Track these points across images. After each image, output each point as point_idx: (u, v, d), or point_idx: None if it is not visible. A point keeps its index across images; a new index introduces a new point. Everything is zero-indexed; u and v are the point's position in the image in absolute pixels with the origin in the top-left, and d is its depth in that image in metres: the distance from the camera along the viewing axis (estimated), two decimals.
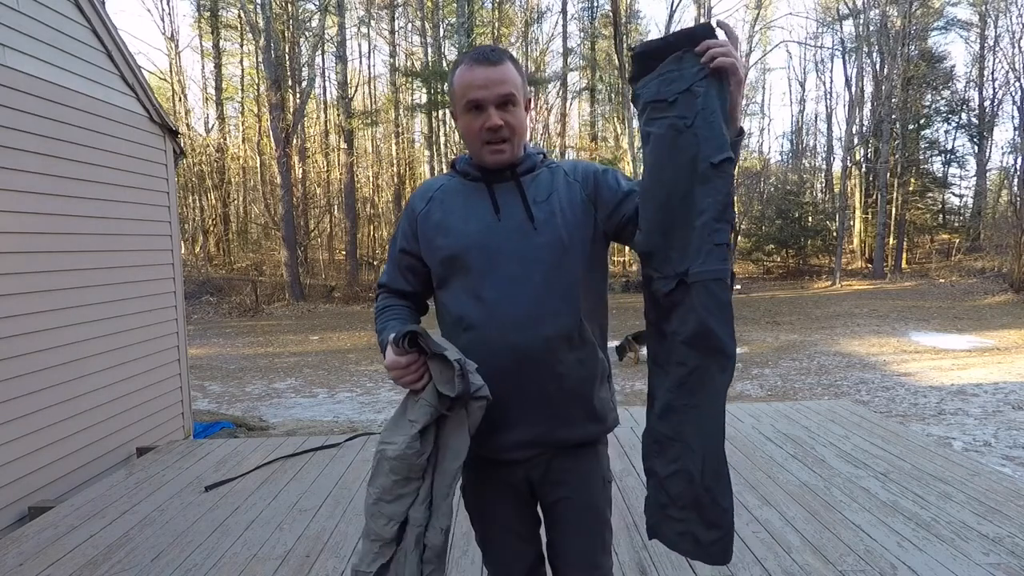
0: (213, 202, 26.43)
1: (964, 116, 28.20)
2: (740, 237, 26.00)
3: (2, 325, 3.62)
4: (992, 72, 28.31)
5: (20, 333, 3.74)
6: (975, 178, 28.55)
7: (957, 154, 28.65)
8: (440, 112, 23.11)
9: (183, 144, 5.96)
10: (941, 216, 28.73)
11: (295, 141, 22.21)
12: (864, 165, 27.86)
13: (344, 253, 24.21)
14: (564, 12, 29.72)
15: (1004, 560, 2.53)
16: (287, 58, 22.68)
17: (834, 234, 25.46)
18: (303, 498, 3.47)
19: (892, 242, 25.77)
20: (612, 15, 22.71)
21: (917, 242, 28.12)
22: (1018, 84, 25.57)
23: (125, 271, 4.67)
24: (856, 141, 27.01)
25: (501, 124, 1.35)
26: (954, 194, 29.49)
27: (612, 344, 10.14)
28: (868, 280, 23.25)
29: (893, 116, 24.59)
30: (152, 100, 5.03)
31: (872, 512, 3.01)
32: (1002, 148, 36.67)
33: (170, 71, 25.27)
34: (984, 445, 5.50)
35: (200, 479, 3.80)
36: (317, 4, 22.90)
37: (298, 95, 22.72)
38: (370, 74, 29.66)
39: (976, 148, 28.45)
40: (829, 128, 32.78)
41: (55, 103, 4.04)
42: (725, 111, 1.18)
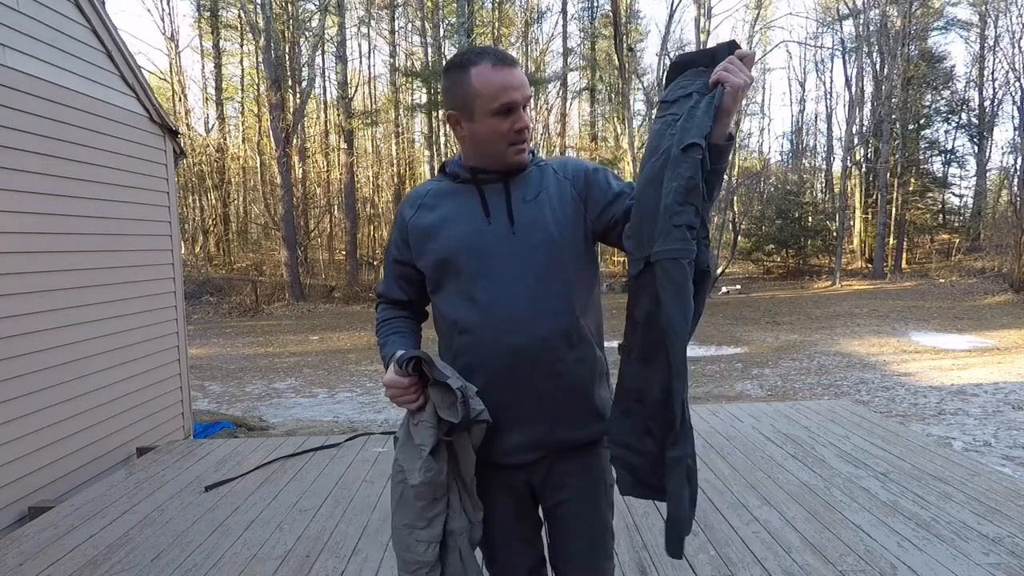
0: (213, 202, 26.42)
1: (964, 116, 28.19)
2: (740, 237, 26.00)
3: (2, 325, 3.62)
4: (992, 72, 28.32)
5: (20, 333, 3.74)
6: (975, 178, 28.55)
7: (957, 154, 28.66)
8: (440, 112, 23.09)
9: (183, 144, 5.96)
10: (941, 216, 28.71)
11: (295, 141, 22.21)
12: (864, 165, 27.86)
13: (344, 253, 24.22)
14: (564, 12, 29.73)
15: (1004, 560, 2.53)
16: (287, 58, 22.68)
17: (834, 234, 25.45)
18: (303, 498, 3.47)
19: (892, 242, 25.76)
20: (612, 15, 22.72)
21: (917, 242, 28.11)
22: (1018, 84, 25.59)
23: (125, 271, 4.67)
24: (856, 141, 27.01)
25: (528, 124, 1.36)
26: (954, 194, 29.50)
27: (613, 344, 10.12)
28: (868, 280, 23.25)
29: (893, 116, 24.59)
30: (152, 100, 5.03)
31: (872, 512, 3.01)
32: (1002, 148, 36.65)
33: (170, 71, 25.28)
34: (984, 445, 5.50)
35: (200, 479, 3.80)
36: (317, 4, 22.91)
37: (298, 95, 22.72)
38: (370, 74, 29.68)
39: (976, 148, 28.45)
40: (829, 128, 32.80)
41: (55, 103, 4.04)
42: (711, 111, 1.19)
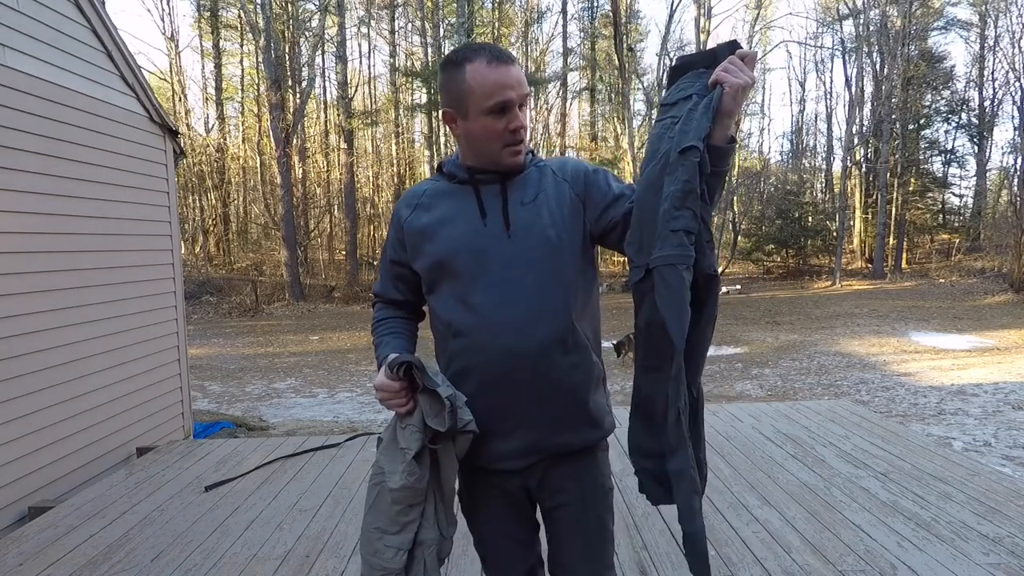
0: (213, 202, 26.42)
1: (964, 116, 28.21)
2: (740, 237, 26.01)
3: (2, 325, 3.62)
4: (992, 72, 28.34)
5: (20, 333, 3.74)
6: (975, 178, 28.56)
7: (957, 154, 28.68)
8: (440, 112, 23.09)
9: (183, 144, 5.96)
10: (941, 216, 28.72)
11: (295, 141, 22.21)
12: (864, 165, 27.86)
13: (344, 253, 24.22)
14: (564, 12, 29.74)
15: (1004, 560, 2.53)
16: (287, 58, 22.69)
17: (834, 234, 25.45)
18: (303, 498, 3.47)
19: (892, 242, 25.76)
20: (612, 15, 22.72)
21: (917, 242, 28.11)
22: (1018, 84, 25.60)
23: (125, 271, 4.67)
24: (856, 141, 27.01)
25: (524, 124, 1.31)
26: (954, 194, 29.52)
27: (610, 343, 10.14)
28: (868, 280, 23.25)
29: (893, 116, 24.59)
30: (152, 100, 5.03)
31: (872, 512, 3.01)
32: (1002, 148, 36.70)
33: (170, 71, 25.28)
34: (984, 445, 5.50)
35: (200, 479, 3.80)
36: (317, 4, 22.91)
37: (298, 95, 22.72)
38: (370, 74, 29.69)
39: (976, 148, 28.46)
40: (829, 128, 32.81)
41: (55, 103, 4.04)
42: (710, 113, 1.17)
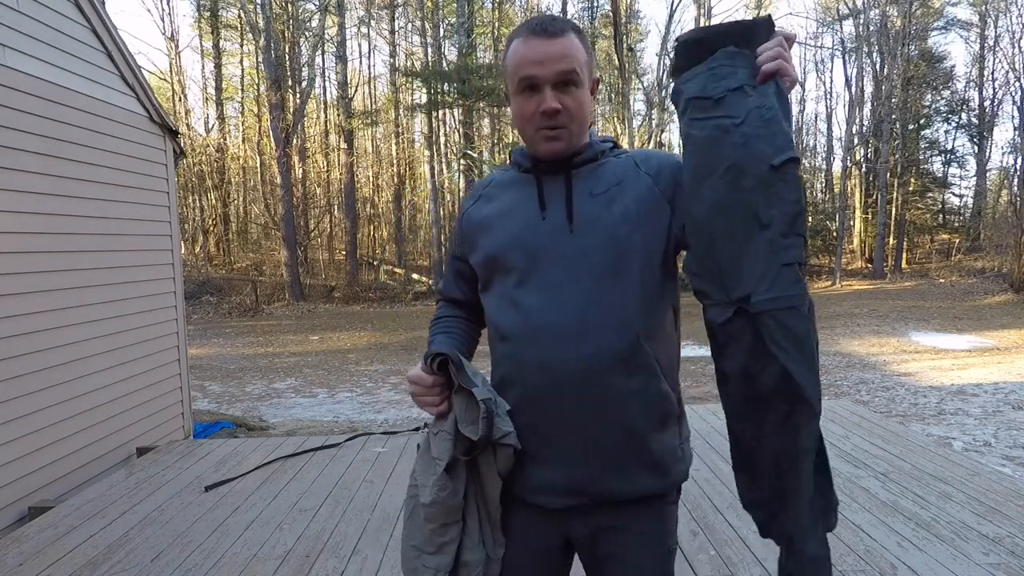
0: (213, 202, 26.41)
1: (964, 116, 28.21)
2: None
3: (2, 325, 3.62)
4: (992, 72, 28.33)
5: (20, 333, 3.74)
6: (975, 178, 28.56)
7: (957, 154, 28.69)
8: (440, 112, 23.10)
9: (183, 144, 5.96)
10: (941, 216, 28.74)
11: (295, 141, 22.21)
12: (864, 165, 27.86)
13: (344, 253, 24.21)
14: (564, 12, 29.71)
15: (1004, 560, 2.53)
16: (287, 58, 22.68)
17: (834, 234, 25.45)
18: (303, 498, 3.47)
19: (892, 242, 25.77)
20: (612, 15, 22.70)
21: (917, 242, 28.12)
22: (1018, 84, 25.61)
23: (125, 271, 4.67)
24: (856, 141, 27.01)
25: (558, 108, 1.12)
26: (954, 194, 29.53)
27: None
28: (868, 280, 23.25)
29: (893, 116, 24.59)
30: (152, 100, 5.03)
31: (872, 512, 3.01)
32: (1002, 148, 36.74)
33: (170, 71, 25.27)
34: (984, 445, 5.50)
35: (200, 479, 3.80)
36: (317, 4, 22.90)
37: (298, 95, 22.72)
38: (370, 74, 29.66)
39: (976, 148, 28.46)
40: (829, 128, 32.81)
41: (55, 103, 4.04)
42: (787, 113, 0.98)
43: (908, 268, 25.40)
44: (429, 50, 23.82)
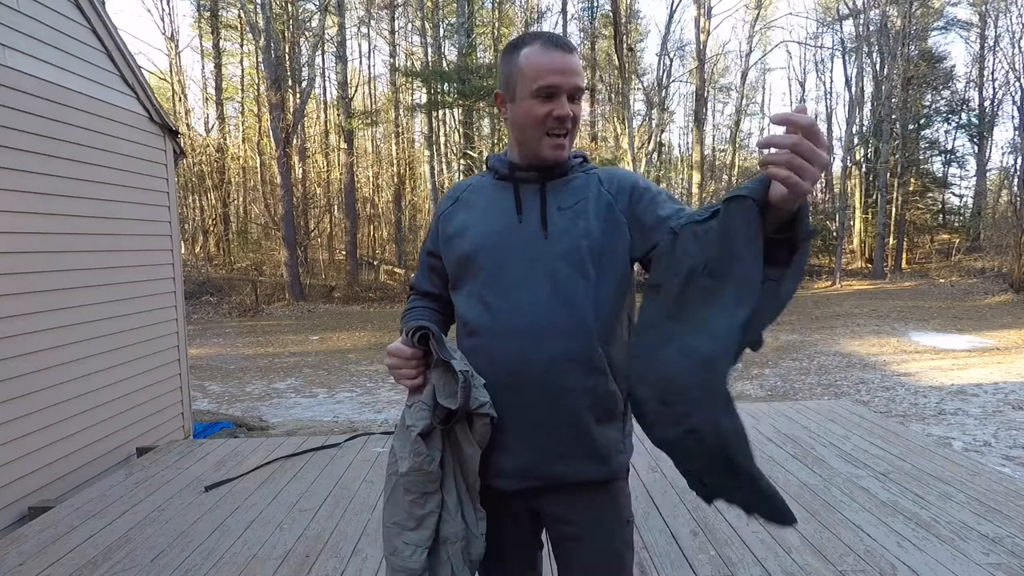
0: (213, 202, 26.40)
1: (964, 116, 28.20)
2: None
3: (2, 325, 3.62)
4: (992, 72, 28.33)
5: (20, 333, 3.74)
6: (975, 178, 28.56)
7: (957, 154, 28.68)
8: (440, 112, 23.10)
9: (183, 144, 5.96)
10: (941, 216, 28.74)
11: (295, 141, 22.21)
12: (864, 165, 27.86)
13: (344, 253, 24.21)
14: (564, 12, 29.70)
15: (1004, 560, 2.53)
16: (287, 58, 22.67)
17: (834, 234, 25.45)
18: (303, 498, 3.47)
19: (892, 242, 25.76)
20: (612, 15, 22.70)
21: (917, 242, 28.11)
22: (1018, 84, 25.59)
23: (125, 271, 4.67)
24: (856, 141, 27.02)
25: (571, 114, 1.25)
26: (954, 194, 29.53)
27: None
28: (868, 280, 23.25)
29: (893, 116, 24.59)
30: (152, 100, 5.03)
31: (872, 512, 3.01)
32: (1002, 148, 36.70)
33: (170, 71, 25.27)
34: (984, 445, 5.50)
35: (200, 479, 3.80)
36: (317, 4, 22.90)
37: (298, 95, 22.71)
38: (370, 74, 29.66)
39: (976, 148, 28.46)
40: (829, 128, 32.74)
41: (55, 103, 4.04)
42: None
43: (908, 268, 25.40)
44: (429, 50, 23.83)
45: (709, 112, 31.45)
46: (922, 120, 27.09)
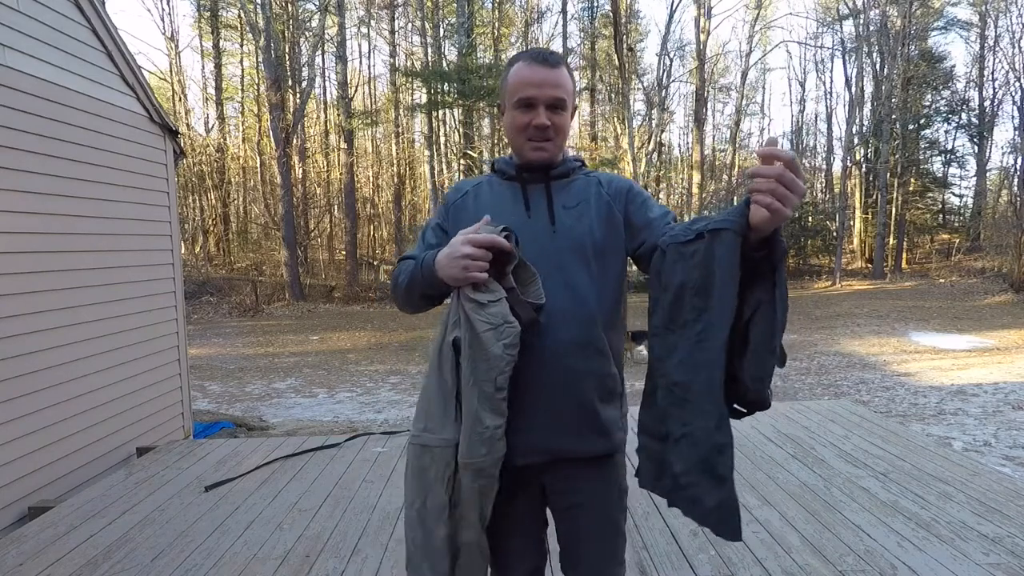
0: (213, 202, 26.40)
1: (964, 116, 28.19)
2: None
3: (2, 325, 3.62)
4: (992, 72, 28.31)
5: (20, 333, 3.73)
6: (975, 178, 28.55)
7: (957, 154, 28.66)
8: (440, 112, 23.08)
9: (183, 144, 5.96)
10: (941, 216, 28.72)
11: (295, 141, 22.20)
12: (864, 165, 27.85)
13: (344, 253, 24.20)
14: (564, 12, 29.68)
15: (1004, 560, 2.53)
16: (287, 58, 22.66)
17: (834, 234, 25.45)
18: (303, 498, 3.47)
19: (892, 242, 25.76)
20: (612, 15, 22.70)
21: (917, 242, 28.10)
22: (1018, 84, 25.59)
23: (125, 271, 4.67)
24: (856, 141, 27.01)
25: (548, 124, 1.38)
26: (954, 194, 29.51)
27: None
28: (868, 280, 23.25)
29: (893, 116, 24.59)
30: (152, 100, 5.03)
31: (872, 512, 3.01)
32: (1002, 148, 36.66)
33: (170, 71, 25.27)
34: (984, 445, 5.49)
35: (200, 479, 3.80)
36: (317, 4, 22.89)
37: (298, 95, 22.71)
38: (370, 74, 29.66)
39: (976, 148, 28.45)
40: (829, 128, 32.78)
41: (55, 103, 4.04)
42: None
43: (908, 268, 25.40)
44: (429, 50, 23.82)
45: (709, 112, 31.45)
46: (922, 120, 27.08)
